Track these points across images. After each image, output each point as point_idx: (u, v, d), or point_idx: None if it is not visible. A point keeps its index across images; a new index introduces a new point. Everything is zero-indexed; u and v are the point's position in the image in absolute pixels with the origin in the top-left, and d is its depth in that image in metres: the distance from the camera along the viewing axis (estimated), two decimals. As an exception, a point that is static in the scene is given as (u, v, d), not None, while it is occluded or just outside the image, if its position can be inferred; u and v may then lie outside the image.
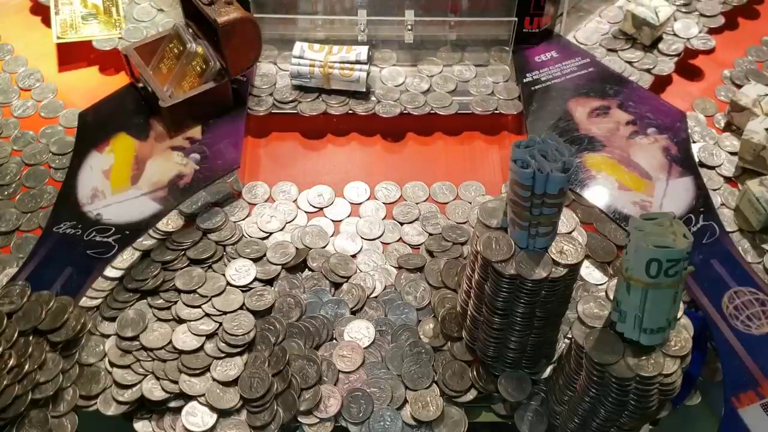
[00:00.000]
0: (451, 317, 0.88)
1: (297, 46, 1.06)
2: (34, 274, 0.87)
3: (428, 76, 1.11)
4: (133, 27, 1.17)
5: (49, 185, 1.00)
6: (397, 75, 1.11)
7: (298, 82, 1.07)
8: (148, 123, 1.02)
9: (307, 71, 1.05)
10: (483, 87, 1.10)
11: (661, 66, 1.13)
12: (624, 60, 1.14)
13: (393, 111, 1.06)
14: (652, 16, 1.12)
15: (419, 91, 1.09)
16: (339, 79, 1.05)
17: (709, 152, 1.04)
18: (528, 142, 0.71)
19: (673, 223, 0.69)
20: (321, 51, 1.06)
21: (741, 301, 0.86)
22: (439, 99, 1.08)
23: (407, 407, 0.83)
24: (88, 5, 1.17)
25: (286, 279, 0.92)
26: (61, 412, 0.81)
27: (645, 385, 0.72)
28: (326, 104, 1.07)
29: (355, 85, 1.06)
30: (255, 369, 0.84)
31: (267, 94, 1.08)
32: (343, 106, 1.07)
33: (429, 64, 1.12)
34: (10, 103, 1.10)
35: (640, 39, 1.15)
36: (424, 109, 1.07)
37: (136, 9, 1.19)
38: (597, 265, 0.94)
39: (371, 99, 1.08)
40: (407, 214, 1.00)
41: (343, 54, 1.05)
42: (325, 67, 1.04)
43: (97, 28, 1.15)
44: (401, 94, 1.09)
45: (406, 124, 1.09)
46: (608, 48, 1.16)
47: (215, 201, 0.99)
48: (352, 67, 1.04)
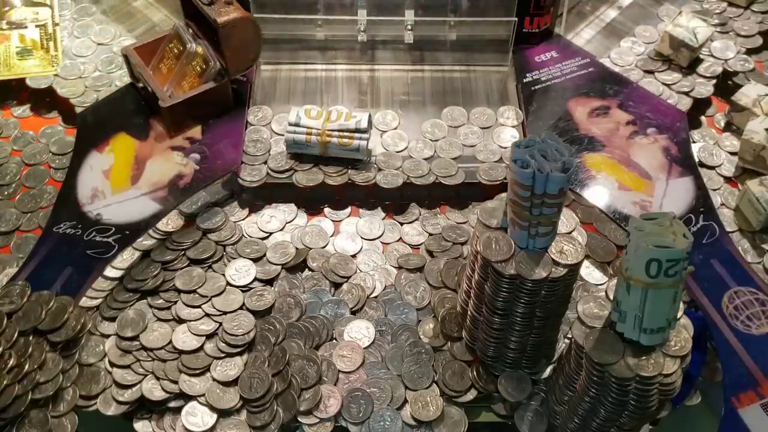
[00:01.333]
0: (451, 317, 0.88)
1: (293, 113, 0.99)
2: (34, 274, 0.87)
3: (432, 140, 1.03)
4: (70, 63, 1.11)
5: (49, 185, 1.00)
6: (399, 140, 1.03)
7: (294, 151, 1.00)
8: (148, 123, 1.02)
9: (303, 139, 0.97)
10: (490, 153, 1.02)
11: (700, 89, 1.09)
12: (661, 82, 1.10)
13: (395, 182, 0.98)
14: (690, 37, 1.08)
15: (422, 157, 1.01)
16: (337, 147, 0.98)
17: (709, 152, 1.04)
18: (528, 142, 0.71)
19: (673, 223, 0.69)
20: (318, 118, 0.98)
21: (741, 301, 0.86)
22: (444, 167, 1.00)
23: (407, 407, 0.83)
24: (25, 40, 1.12)
25: (286, 279, 0.92)
26: (61, 412, 0.81)
27: (645, 385, 0.72)
28: (324, 174, 0.98)
29: (354, 154, 0.98)
30: (255, 369, 0.84)
31: (261, 162, 1.00)
32: (342, 175, 0.99)
33: (433, 126, 1.05)
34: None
35: (677, 60, 1.11)
36: (428, 178, 0.99)
37: (75, 43, 1.14)
38: (597, 265, 0.94)
39: (372, 168, 1.00)
40: (407, 214, 1.00)
41: (342, 122, 0.97)
42: (323, 135, 0.96)
43: (33, 65, 1.10)
44: (403, 162, 1.01)
45: (409, 194, 1.01)
46: (645, 69, 1.12)
47: (215, 201, 0.99)
48: (352, 135, 0.97)
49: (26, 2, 1.18)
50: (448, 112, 1.07)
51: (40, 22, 1.15)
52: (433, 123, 1.06)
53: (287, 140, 0.99)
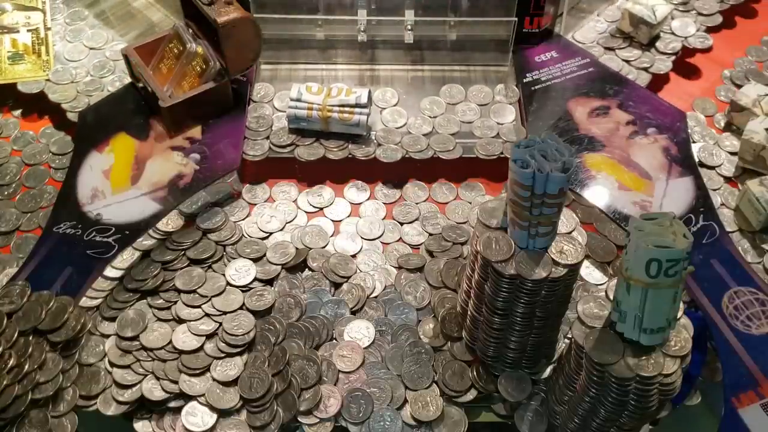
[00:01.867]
0: (451, 317, 0.88)
1: (294, 89, 1.01)
2: (34, 274, 0.87)
3: (431, 117, 1.06)
4: (62, 68, 1.11)
5: (49, 185, 1.00)
6: (399, 116, 1.06)
7: (296, 126, 1.02)
8: (148, 123, 1.02)
9: (304, 114, 1.00)
10: (487, 129, 1.05)
11: (659, 65, 1.13)
12: (621, 59, 1.14)
13: (394, 156, 1.01)
14: (649, 14, 1.11)
15: (421, 133, 1.04)
16: (338, 122, 1.00)
17: (709, 152, 1.04)
18: (528, 142, 0.71)
19: (673, 223, 0.69)
20: (319, 93, 1.01)
21: (741, 301, 0.86)
22: (442, 142, 1.03)
23: (407, 407, 0.83)
24: (17, 45, 1.11)
25: (286, 279, 0.92)
26: (61, 412, 0.81)
27: (645, 385, 0.72)
28: (325, 148, 1.01)
29: (355, 129, 1.01)
30: (255, 369, 0.84)
31: (263, 137, 1.03)
32: (343, 150, 1.01)
33: (432, 104, 1.07)
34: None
35: (637, 38, 1.15)
36: (426, 153, 1.02)
37: (67, 47, 1.14)
38: (597, 265, 0.94)
39: (371, 143, 1.03)
40: (407, 214, 1.00)
41: (342, 97, 1.00)
42: (324, 110, 0.99)
43: (24, 69, 1.09)
44: (402, 137, 1.03)
45: (408, 169, 1.03)
46: (606, 47, 1.16)
47: (215, 201, 0.99)
48: (352, 110, 1.00)
49: (18, 6, 1.17)
50: (447, 90, 1.10)
51: (32, 26, 1.15)
52: (432, 100, 1.09)
53: (289, 115, 1.02)
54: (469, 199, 1.01)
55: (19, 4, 1.17)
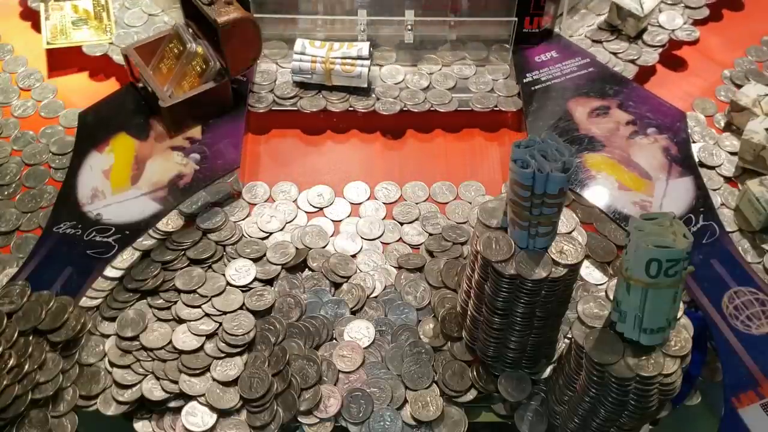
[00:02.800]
0: (451, 317, 0.88)
1: (298, 43, 1.06)
2: (34, 274, 0.87)
3: (428, 73, 1.11)
4: (124, 32, 1.15)
5: (49, 185, 1.00)
6: (397, 73, 1.11)
7: (300, 78, 1.07)
8: (148, 123, 1.02)
9: (308, 67, 1.05)
10: (482, 84, 1.10)
11: (646, 57, 1.14)
12: (609, 51, 1.15)
13: (393, 108, 1.06)
14: (636, 7, 1.12)
15: (419, 88, 1.09)
16: (341, 74, 1.05)
17: (709, 152, 1.04)
18: (528, 142, 0.71)
19: (673, 223, 0.69)
20: (322, 47, 1.06)
21: (741, 301, 0.86)
22: (439, 96, 1.08)
23: (407, 407, 0.83)
24: (79, 11, 1.16)
25: (286, 279, 0.92)
26: (61, 412, 0.81)
27: (645, 385, 0.72)
28: (326, 101, 1.07)
29: (356, 81, 1.06)
30: (255, 369, 0.84)
31: (267, 90, 1.08)
32: (344, 102, 1.07)
33: (429, 62, 1.12)
34: (10, 103, 1.10)
35: (624, 30, 1.16)
36: (423, 106, 1.07)
37: (127, 14, 1.18)
38: (597, 265, 0.94)
39: (371, 96, 1.08)
40: (407, 214, 1.00)
41: (345, 50, 1.05)
42: (327, 62, 1.04)
43: (88, 34, 1.14)
44: (401, 92, 1.09)
45: (406, 122, 1.08)
46: (593, 39, 1.17)
47: (215, 201, 0.99)
48: (354, 62, 1.04)
49: None
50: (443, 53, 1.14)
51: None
52: (428, 58, 1.13)
53: (293, 68, 1.06)
54: (469, 199, 1.01)
55: None
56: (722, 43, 1.19)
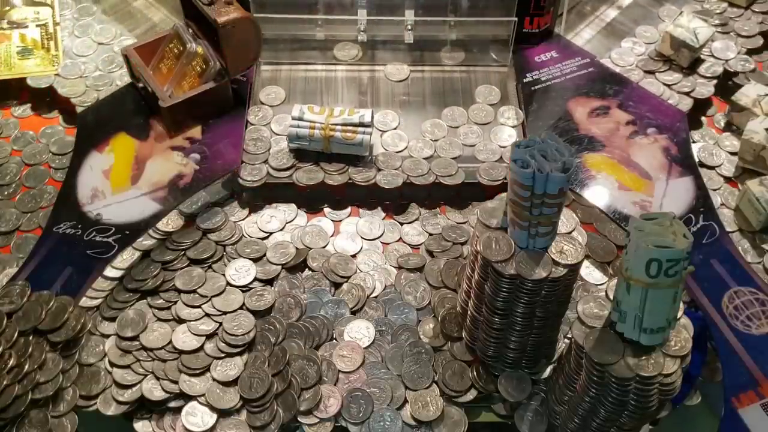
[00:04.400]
0: (451, 317, 0.88)
1: (296, 108, 0.99)
2: (34, 274, 0.87)
3: (432, 140, 1.03)
4: (71, 63, 1.11)
5: (49, 185, 1.00)
6: (399, 140, 1.03)
7: (296, 145, 0.99)
8: (148, 123, 1.02)
9: (306, 134, 0.98)
10: (490, 153, 1.02)
11: (700, 89, 1.09)
12: (662, 82, 1.10)
13: (395, 181, 0.98)
14: (691, 38, 1.08)
15: (422, 156, 1.01)
16: (341, 142, 0.98)
17: (709, 152, 1.04)
18: (528, 142, 0.71)
19: (673, 223, 0.69)
20: (321, 113, 0.98)
21: (741, 301, 0.86)
22: (444, 166, 1.00)
23: (407, 407, 0.83)
24: (26, 40, 1.12)
25: (286, 279, 0.92)
26: (61, 412, 0.81)
27: (645, 385, 0.72)
28: (324, 172, 0.99)
29: (357, 149, 0.99)
30: (255, 369, 0.84)
31: (261, 161, 1.00)
32: (342, 174, 0.98)
33: (433, 126, 1.05)
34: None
35: (678, 61, 1.11)
36: (428, 178, 0.99)
37: (76, 42, 1.14)
38: (597, 265, 0.94)
39: (372, 167, 1.00)
40: (407, 214, 1.00)
41: (346, 116, 0.98)
42: (326, 129, 0.97)
43: (33, 64, 1.10)
44: (403, 161, 1.01)
45: (409, 194, 1.01)
46: (645, 70, 1.11)
47: (215, 201, 0.99)
48: (355, 130, 0.98)
49: (27, 2, 1.18)
50: (449, 113, 1.07)
51: (41, 21, 1.15)
52: (433, 123, 1.06)
53: (290, 134, 0.99)
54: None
55: (28, 0, 1.18)
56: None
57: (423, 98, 1.10)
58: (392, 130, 1.05)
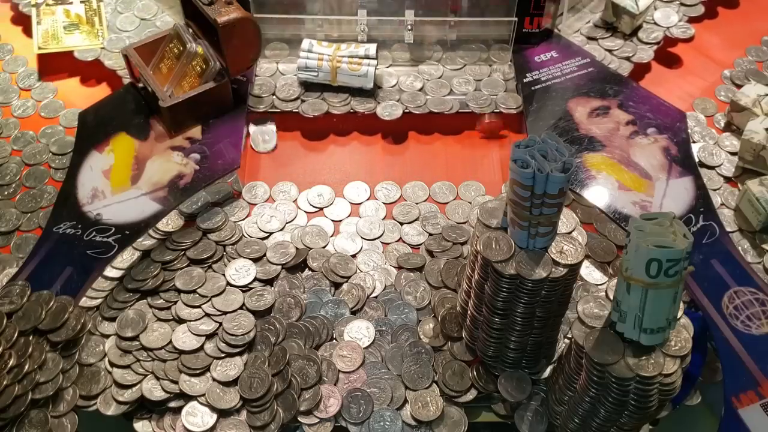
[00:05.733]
0: (451, 317, 0.88)
1: (305, 42, 1.07)
2: (34, 274, 0.87)
3: (427, 80, 1.11)
4: (116, 37, 1.15)
5: (49, 185, 1.00)
6: (389, 77, 1.11)
7: (305, 76, 1.07)
8: (148, 123, 1.02)
9: (315, 64, 1.05)
10: (482, 101, 1.08)
11: (641, 54, 1.14)
12: (604, 48, 1.15)
13: (395, 112, 1.06)
14: (631, 4, 1.12)
15: (415, 89, 1.10)
16: (347, 73, 1.05)
17: (709, 152, 1.04)
18: (528, 142, 0.71)
19: (673, 223, 0.69)
20: (330, 47, 1.06)
21: (741, 301, 0.86)
22: (439, 103, 1.08)
23: (407, 407, 0.83)
24: (71, 15, 1.15)
25: (286, 279, 0.92)
26: (61, 412, 0.81)
27: (645, 385, 0.72)
28: (328, 104, 1.07)
29: (362, 80, 1.06)
30: (255, 369, 0.84)
31: (269, 93, 1.08)
32: (345, 105, 1.07)
33: (429, 67, 1.12)
34: (10, 104, 1.10)
35: (620, 28, 1.16)
36: (425, 108, 1.07)
37: (119, 18, 1.17)
38: (597, 265, 0.94)
39: (373, 99, 1.08)
40: (407, 214, 1.00)
41: (352, 49, 1.06)
42: (334, 60, 1.04)
43: (80, 39, 1.14)
44: (401, 94, 1.09)
45: (407, 124, 1.08)
46: (588, 36, 1.17)
47: (215, 201, 0.99)
48: (361, 61, 1.05)
49: None
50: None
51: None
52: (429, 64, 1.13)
53: (299, 65, 1.06)
54: (469, 199, 1.01)
55: None
56: (720, 41, 1.19)
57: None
58: (385, 68, 1.12)
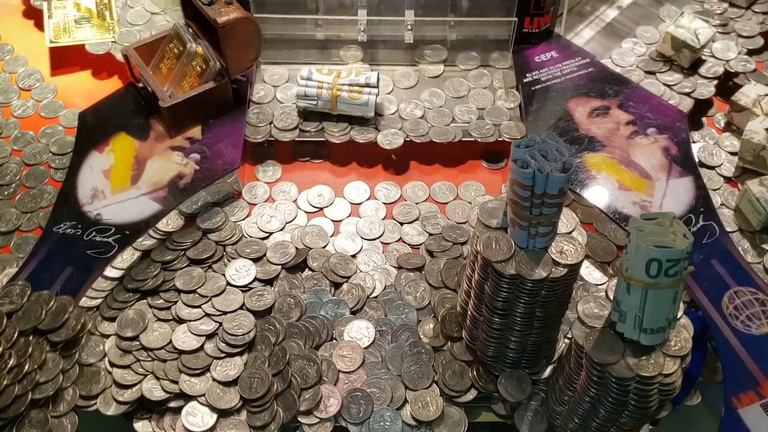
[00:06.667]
0: (451, 317, 0.88)
1: (304, 69, 1.03)
2: (34, 274, 0.87)
3: (428, 108, 1.07)
4: (127, 31, 1.15)
5: (49, 185, 1.00)
6: (389, 103, 1.07)
7: (304, 104, 1.03)
8: (148, 123, 1.02)
9: (314, 92, 1.01)
10: (485, 129, 1.04)
11: (701, 89, 1.09)
12: (662, 83, 1.11)
13: (396, 141, 1.02)
14: (692, 38, 1.08)
15: (415, 117, 1.05)
16: (347, 101, 1.01)
17: (709, 152, 1.04)
18: (528, 142, 0.71)
19: (673, 223, 0.69)
20: (329, 74, 1.02)
21: (741, 301, 0.86)
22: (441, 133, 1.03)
23: (407, 407, 0.83)
24: (81, 9, 1.16)
25: (286, 279, 0.92)
26: (61, 412, 0.81)
27: (645, 385, 0.72)
28: (327, 133, 1.03)
29: (363, 109, 1.02)
30: (255, 369, 0.84)
31: (266, 122, 1.04)
32: (345, 135, 1.03)
33: (432, 96, 1.08)
34: (10, 103, 1.10)
35: (678, 61, 1.12)
36: (427, 137, 1.03)
37: (129, 12, 1.18)
38: (597, 265, 0.94)
39: (372, 129, 1.03)
40: (407, 214, 1.00)
41: (353, 77, 1.02)
42: (334, 89, 1.00)
43: (91, 32, 1.14)
44: (403, 122, 1.04)
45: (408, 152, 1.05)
46: (646, 70, 1.12)
47: (215, 201, 0.99)
48: (361, 89, 1.01)
49: None
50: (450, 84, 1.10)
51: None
52: (432, 92, 1.09)
53: (298, 93, 1.03)
54: (469, 199, 1.01)
55: None
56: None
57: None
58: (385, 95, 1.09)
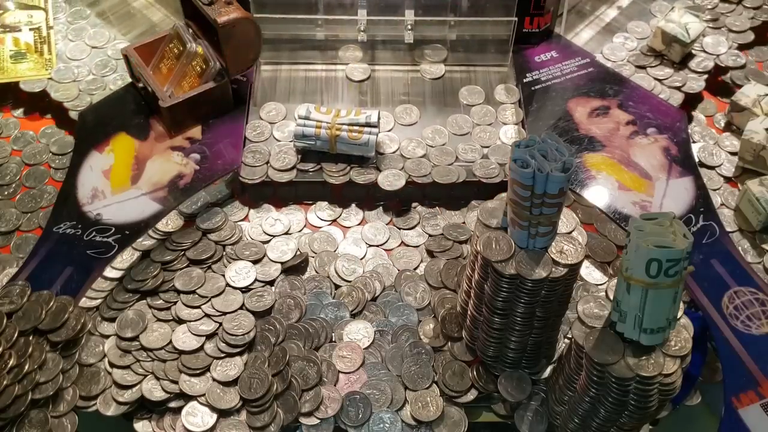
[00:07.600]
0: (451, 317, 0.88)
1: (302, 107, 0.99)
2: (34, 274, 0.87)
3: (430, 146, 1.02)
4: (64, 67, 1.11)
5: (49, 185, 1.00)
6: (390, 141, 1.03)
7: (302, 144, 0.99)
8: (148, 123, 1.02)
9: (312, 132, 0.97)
10: (489, 169, 1.00)
11: (691, 83, 1.10)
12: (653, 77, 1.11)
13: (397, 183, 0.98)
14: (682, 32, 1.08)
15: (416, 156, 1.01)
16: (347, 142, 0.97)
17: (709, 152, 1.04)
18: (528, 142, 0.71)
19: (673, 223, 0.69)
20: (328, 113, 0.98)
21: (741, 301, 0.86)
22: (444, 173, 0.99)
23: (407, 407, 0.83)
24: (20, 44, 1.11)
25: (286, 280, 0.92)
26: (61, 412, 0.81)
27: (645, 385, 0.72)
28: (326, 174, 0.98)
29: (363, 149, 0.98)
30: (255, 369, 0.84)
31: (262, 162, 0.99)
32: (344, 175, 0.98)
33: (434, 133, 1.04)
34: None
35: (669, 56, 1.12)
36: (430, 178, 0.98)
37: (69, 46, 1.13)
38: (597, 265, 0.94)
39: (373, 170, 0.99)
40: (408, 219, 0.99)
41: (352, 117, 0.98)
42: (333, 129, 0.96)
43: (26, 68, 1.10)
44: (405, 162, 1.00)
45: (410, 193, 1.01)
46: (637, 65, 1.13)
47: (215, 201, 0.99)
48: (362, 129, 0.97)
49: (20, 5, 1.17)
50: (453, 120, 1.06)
51: (35, 25, 1.14)
52: (435, 131, 1.05)
53: (296, 133, 0.98)
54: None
55: (22, 3, 1.17)
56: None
57: (423, 98, 1.09)
58: (385, 132, 1.04)
